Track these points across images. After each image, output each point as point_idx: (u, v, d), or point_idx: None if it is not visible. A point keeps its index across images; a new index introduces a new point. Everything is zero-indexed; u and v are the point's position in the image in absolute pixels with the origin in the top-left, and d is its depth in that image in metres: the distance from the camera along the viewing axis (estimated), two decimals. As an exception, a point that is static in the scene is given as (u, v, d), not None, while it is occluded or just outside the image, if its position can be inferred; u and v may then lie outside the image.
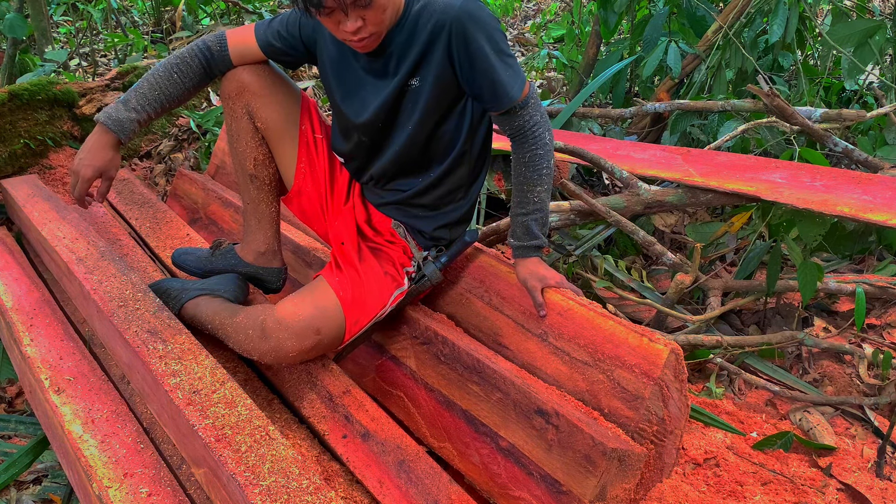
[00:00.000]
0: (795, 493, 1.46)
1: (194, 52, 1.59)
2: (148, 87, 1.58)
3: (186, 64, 1.59)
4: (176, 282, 1.74)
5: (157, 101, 1.59)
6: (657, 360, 1.30)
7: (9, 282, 1.90)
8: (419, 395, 1.56)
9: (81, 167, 1.56)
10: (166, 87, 1.59)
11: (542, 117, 1.50)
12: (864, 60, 2.69)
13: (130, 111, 1.57)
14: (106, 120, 1.56)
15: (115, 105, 1.58)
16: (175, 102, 1.62)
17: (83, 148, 1.58)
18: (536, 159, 1.51)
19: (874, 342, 1.94)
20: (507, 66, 1.44)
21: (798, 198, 1.95)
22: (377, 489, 1.36)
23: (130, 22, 5.09)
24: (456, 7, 1.41)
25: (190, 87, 1.61)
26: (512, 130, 1.51)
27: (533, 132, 1.50)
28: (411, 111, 1.52)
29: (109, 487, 1.26)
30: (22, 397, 1.89)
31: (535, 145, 1.51)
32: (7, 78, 3.33)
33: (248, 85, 1.60)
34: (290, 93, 1.65)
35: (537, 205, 1.55)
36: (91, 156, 1.57)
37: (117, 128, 1.56)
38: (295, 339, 1.49)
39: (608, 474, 1.22)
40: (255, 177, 1.68)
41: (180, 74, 1.59)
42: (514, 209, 1.57)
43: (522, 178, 1.54)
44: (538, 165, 1.52)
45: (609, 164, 2.30)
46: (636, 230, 2.20)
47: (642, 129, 3.28)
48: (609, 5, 3.32)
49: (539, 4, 6.92)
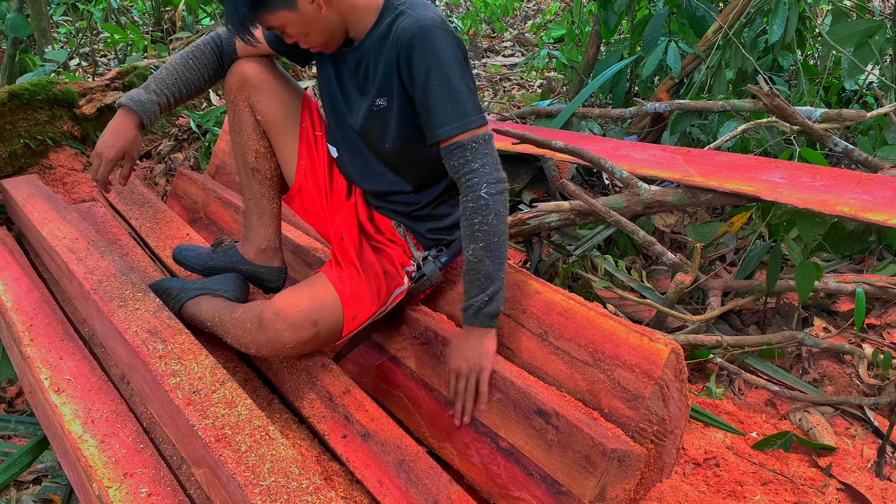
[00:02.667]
0: (795, 493, 1.46)
1: (207, 41, 1.67)
2: (166, 73, 1.65)
3: (200, 51, 1.66)
4: (176, 281, 1.74)
5: (176, 85, 1.65)
6: (658, 360, 1.30)
7: (9, 282, 1.90)
8: (419, 395, 1.56)
9: (104, 148, 1.61)
10: (183, 73, 1.65)
11: (484, 167, 1.35)
12: (864, 60, 2.69)
13: (151, 94, 1.64)
14: (128, 102, 1.62)
15: (135, 90, 1.64)
16: (192, 89, 1.68)
17: (105, 131, 1.63)
18: (468, 212, 1.37)
19: (874, 342, 1.94)
20: (450, 101, 1.34)
21: (798, 198, 1.95)
22: (377, 489, 1.36)
23: (130, 22, 5.08)
24: (412, 29, 1.34)
25: (205, 73, 1.67)
26: (451, 170, 1.40)
27: (467, 179, 1.36)
28: (382, 132, 1.48)
29: (109, 487, 1.26)
30: (22, 397, 1.89)
31: (467, 196, 1.37)
32: (7, 78, 3.32)
33: (250, 78, 1.62)
34: (291, 89, 1.66)
35: (473, 265, 1.38)
36: (114, 137, 1.62)
37: (139, 108, 1.62)
38: (292, 330, 1.46)
39: (608, 474, 1.22)
40: (256, 170, 1.69)
41: (195, 61, 1.65)
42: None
43: (463, 232, 1.40)
44: (470, 219, 1.37)
45: (609, 164, 2.30)
46: (636, 230, 2.20)
47: (642, 129, 3.28)
48: (609, 5, 3.32)
49: (539, 4, 6.92)
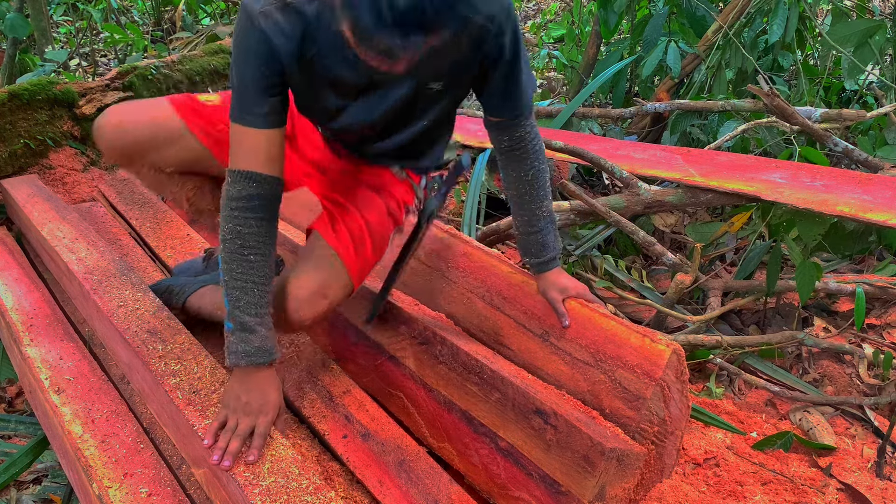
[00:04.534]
0: (795, 493, 1.46)
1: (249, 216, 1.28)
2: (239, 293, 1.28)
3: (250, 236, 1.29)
4: (178, 279, 1.74)
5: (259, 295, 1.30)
6: (659, 361, 1.30)
7: (9, 282, 1.90)
8: (419, 395, 1.56)
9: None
10: (252, 275, 1.29)
11: (537, 129, 1.42)
12: (864, 60, 2.69)
13: (262, 327, 1.29)
14: (244, 359, 1.27)
15: (236, 338, 1.27)
16: (270, 271, 1.33)
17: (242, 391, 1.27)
18: (539, 175, 1.42)
19: (874, 342, 1.94)
20: (527, 66, 1.33)
21: (798, 198, 1.95)
22: (377, 489, 1.36)
23: (130, 22, 5.09)
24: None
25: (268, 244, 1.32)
26: (512, 142, 1.40)
27: (534, 146, 1.40)
28: (424, 111, 1.39)
29: (109, 487, 1.26)
30: (22, 397, 1.89)
31: (538, 160, 1.41)
32: (7, 78, 3.33)
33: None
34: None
35: (547, 219, 1.47)
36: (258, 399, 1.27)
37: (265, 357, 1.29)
38: (306, 307, 1.39)
39: (607, 474, 1.22)
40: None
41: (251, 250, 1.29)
42: (521, 228, 1.49)
43: (527, 196, 1.45)
44: (542, 181, 1.43)
45: (609, 164, 2.30)
46: (636, 230, 2.20)
47: (642, 129, 3.28)
48: (609, 5, 3.32)
49: (539, 4, 6.91)
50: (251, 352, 1.26)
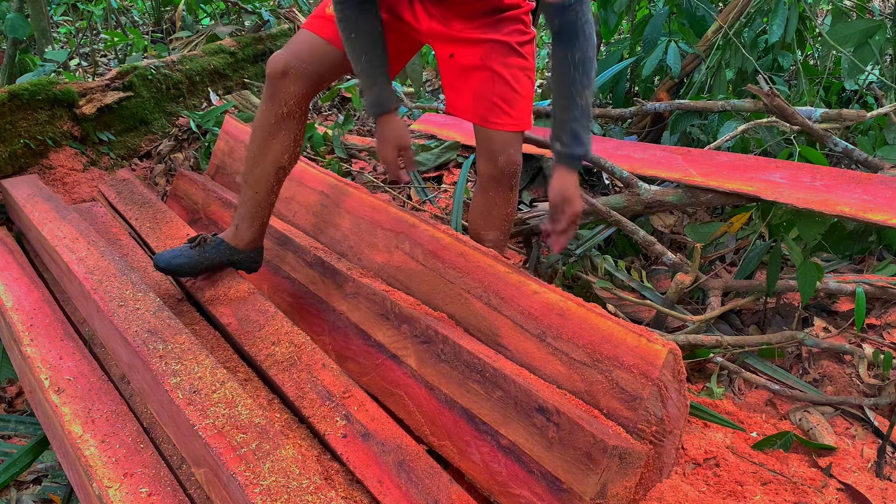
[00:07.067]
0: (795, 493, 1.46)
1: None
2: (364, 57, 1.58)
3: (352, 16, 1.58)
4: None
5: (377, 57, 1.59)
6: (656, 361, 1.30)
7: (9, 282, 1.90)
8: (419, 393, 1.56)
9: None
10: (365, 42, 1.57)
11: (591, 16, 1.46)
12: (864, 60, 2.69)
13: (376, 87, 1.59)
14: (371, 109, 1.62)
15: (363, 97, 1.63)
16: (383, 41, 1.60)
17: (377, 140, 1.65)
18: (587, 61, 1.46)
19: (874, 342, 1.94)
20: None
21: (798, 198, 1.95)
22: (377, 489, 1.36)
23: (130, 22, 5.09)
24: None
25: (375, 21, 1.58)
26: (562, 24, 1.45)
27: (584, 29, 1.44)
28: None
29: (109, 487, 1.27)
30: (22, 397, 1.89)
31: (587, 44, 1.45)
32: (7, 78, 3.33)
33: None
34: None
35: (585, 110, 1.50)
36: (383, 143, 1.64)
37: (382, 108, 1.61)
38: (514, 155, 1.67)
39: (609, 472, 1.22)
40: (283, 168, 1.74)
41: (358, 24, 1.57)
42: (559, 113, 1.52)
43: (570, 80, 1.48)
44: (587, 68, 1.47)
45: (609, 163, 2.31)
46: (636, 230, 2.20)
47: (642, 129, 3.28)
48: (609, 5, 3.32)
49: (539, 4, 6.91)
50: (371, 104, 1.61)
